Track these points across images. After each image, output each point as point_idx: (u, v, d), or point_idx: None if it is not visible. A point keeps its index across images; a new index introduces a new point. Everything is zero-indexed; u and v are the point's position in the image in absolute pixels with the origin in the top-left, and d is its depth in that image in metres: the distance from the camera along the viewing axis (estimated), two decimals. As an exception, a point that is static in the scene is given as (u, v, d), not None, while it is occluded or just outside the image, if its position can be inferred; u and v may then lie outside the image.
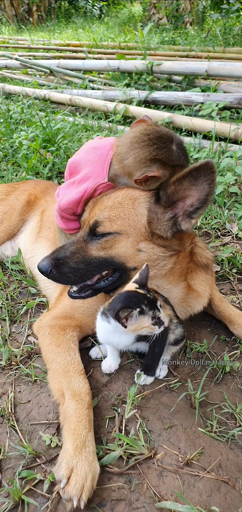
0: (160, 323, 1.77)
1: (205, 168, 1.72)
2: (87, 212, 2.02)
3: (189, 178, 1.77)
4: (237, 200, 3.80)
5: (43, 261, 1.96)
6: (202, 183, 1.76)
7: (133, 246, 1.91)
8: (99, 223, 1.90)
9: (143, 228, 1.89)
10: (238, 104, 5.31)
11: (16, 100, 7.12)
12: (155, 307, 1.77)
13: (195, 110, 5.54)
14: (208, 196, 1.79)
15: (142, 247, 1.91)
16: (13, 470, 1.65)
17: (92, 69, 8.22)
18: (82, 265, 1.95)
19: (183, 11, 15.72)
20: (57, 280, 1.98)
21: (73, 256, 1.95)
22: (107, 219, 1.89)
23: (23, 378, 2.08)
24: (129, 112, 5.73)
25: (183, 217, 1.87)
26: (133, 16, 19.63)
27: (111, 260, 1.94)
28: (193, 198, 1.82)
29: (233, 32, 12.08)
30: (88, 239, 1.97)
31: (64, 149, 4.66)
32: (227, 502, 1.53)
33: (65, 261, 1.94)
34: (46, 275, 1.95)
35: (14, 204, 3.06)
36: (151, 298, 1.76)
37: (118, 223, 1.88)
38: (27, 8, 21.79)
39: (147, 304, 1.73)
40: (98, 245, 1.93)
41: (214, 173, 1.73)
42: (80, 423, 1.67)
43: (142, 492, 1.56)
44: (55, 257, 1.96)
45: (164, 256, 1.94)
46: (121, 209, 1.89)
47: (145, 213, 1.89)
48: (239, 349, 2.23)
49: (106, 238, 1.90)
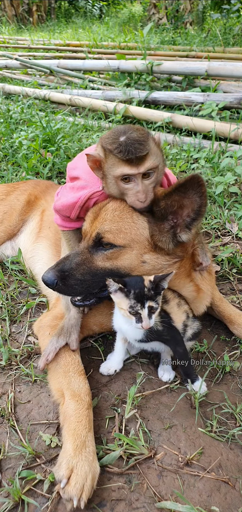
0: (138, 318, 1.74)
1: (192, 182, 1.72)
2: (87, 223, 2.00)
3: (176, 193, 1.78)
4: (237, 200, 3.80)
5: (48, 273, 1.91)
6: (192, 195, 1.77)
7: (137, 258, 1.90)
8: (101, 235, 1.88)
9: (146, 241, 1.89)
10: (238, 104, 5.31)
11: (16, 100, 7.12)
12: (141, 302, 1.74)
13: (195, 110, 5.54)
14: (201, 208, 1.80)
15: (146, 259, 1.91)
16: (13, 470, 1.65)
17: (92, 69, 8.21)
18: (88, 276, 1.92)
19: (183, 11, 15.72)
20: (63, 292, 1.94)
21: (79, 268, 1.92)
22: (109, 232, 1.87)
23: (23, 378, 2.08)
24: (129, 112, 5.74)
25: (181, 228, 1.88)
26: (133, 16, 19.63)
27: (117, 271, 1.92)
28: (187, 208, 1.83)
29: (233, 32, 12.07)
30: (93, 250, 1.94)
31: (64, 149, 4.66)
32: (227, 502, 1.53)
33: (71, 273, 1.90)
34: (52, 287, 1.91)
35: (14, 204, 3.06)
36: (143, 293, 1.74)
37: (121, 236, 1.87)
38: (27, 8, 21.78)
39: (136, 294, 1.73)
40: (104, 256, 1.91)
41: (203, 185, 1.73)
42: (80, 423, 1.67)
43: (142, 492, 1.56)
44: (61, 269, 1.91)
45: (168, 264, 1.95)
46: (121, 223, 1.87)
47: (145, 226, 1.89)
48: (239, 349, 2.23)
49: (112, 250, 1.89)
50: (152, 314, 1.76)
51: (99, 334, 2.36)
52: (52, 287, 1.90)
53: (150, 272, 1.93)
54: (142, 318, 1.74)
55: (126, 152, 1.69)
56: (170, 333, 1.91)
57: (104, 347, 2.29)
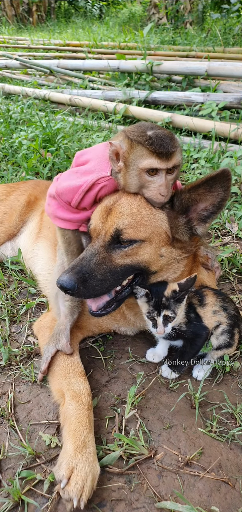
0: (154, 324, 1.90)
1: (221, 176, 1.77)
2: (99, 220, 1.94)
3: (204, 186, 1.82)
4: (237, 200, 3.80)
5: (65, 277, 1.80)
6: (217, 189, 1.81)
7: (155, 252, 1.91)
8: (121, 230, 1.84)
9: (164, 233, 1.90)
10: (238, 104, 5.30)
11: (16, 100, 7.12)
12: (158, 309, 1.87)
13: (195, 110, 5.54)
14: (222, 202, 1.85)
15: (163, 252, 1.93)
16: (13, 470, 1.65)
17: (92, 69, 8.21)
18: (109, 275, 1.86)
19: (183, 11, 15.71)
20: (83, 295, 1.85)
21: (99, 268, 1.85)
22: (128, 226, 1.84)
23: (23, 378, 2.08)
24: (128, 112, 5.73)
25: (197, 221, 1.91)
26: (133, 16, 19.62)
27: (137, 265, 1.91)
28: (206, 202, 1.86)
29: (233, 32, 12.06)
30: (110, 248, 1.89)
31: (64, 149, 4.66)
32: (227, 502, 1.53)
33: (92, 274, 1.83)
34: (72, 292, 1.82)
35: (14, 204, 3.06)
36: (162, 302, 1.87)
37: (141, 229, 1.85)
38: (27, 8, 21.78)
39: (157, 302, 1.86)
40: (122, 253, 1.88)
41: (230, 180, 1.79)
42: (80, 423, 1.67)
43: (142, 492, 1.56)
44: (80, 271, 1.82)
45: (179, 259, 1.98)
46: (140, 216, 1.86)
47: (164, 218, 1.90)
48: (239, 349, 2.23)
49: (132, 246, 1.86)
50: (168, 323, 1.87)
51: (99, 334, 2.36)
52: (73, 291, 1.81)
53: (164, 266, 1.96)
54: (156, 323, 1.88)
55: (158, 145, 1.72)
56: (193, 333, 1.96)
57: (104, 347, 2.29)
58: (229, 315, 2.04)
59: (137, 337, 2.36)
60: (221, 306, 2.04)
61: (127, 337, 2.36)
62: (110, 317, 2.25)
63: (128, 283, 2.00)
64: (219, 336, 2.02)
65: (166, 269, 1.97)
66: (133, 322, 2.26)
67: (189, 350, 1.99)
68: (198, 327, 1.95)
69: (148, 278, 1.99)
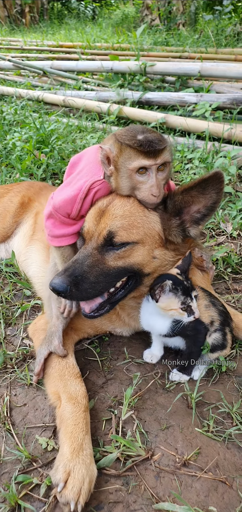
0: (190, 311, 1.82)
1: (214, 178, 1.77)
2: (92, 222, 1.93)
3: (197, 188, 1.82)
4: (231, 199, 3.81)
5: (57, 279, 1.79)
6: (210, 191, 1.81)
7: (149, 253, 1.91)
8: (114, 233, 1.84)
9: (157, 235, 1.90)
10: (231, 104, 5.32)
11: (10, 102, 7.09)
12: (188, 295, 1.82)
13: (189, 111, 5.55)
14: (215, 204, 1.85)
15: (156, 254, 1.93)
16: (9, 474, 1.63)
17: (85, 70, 8.21)
18: (102, 277, 1.86)
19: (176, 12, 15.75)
20: (76, 298, 1.86)
21: (91, 270, 1.84)
22: (121, 229, 1.84)
23: (19, 381, 2.06)
24: (122, 113, 5.73)
25: (190, 223, 1.91)
26: (126, 17, 19.64)
27: (130, 268, 1.91)
28: (199, 204, 1.87)
29: (225, 33, 12.11)
30: (103, 250, 1.88)
31: (58, 150, 4.64)
32: (224, 502, 1.53)
33: (85, 277, 1.82)
34: (64, 294, 1.81)
35: (8, 206, 3.04)
36: (187, 286, 1.83)
37: (134, 232, 1.85)
38: (20, 9, 21.73)
39: (181, 289, 1.81)
40: (115, 255, 1.87)
41: (222, 182, 1.79)
42: (77, 426, 1.66)
43: (140, 494, 1.55)
44: (72, 274, 1.81)
45: (173, 261, 1.98)
46: (133, 218, 1.86)
47: (157, 220, 1.90)
48: (235, 349, 2.23)
49: (124, 248, 1.86)
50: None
51: (94, 336, 2.35)
52: (65, 294, 1.80)
53: (158, 268, 1.95)
54: (193, 310, 1.83)
55: (146, 145, 1.74)
56: (194, 330, 1.94)
57: (100, 348, 2.28)
58: (219, 310, 2.05)
59: (133, 338, 2.35)
60: (210, 301, 2.04)
61: (122, 338, 2.36)
62: (106, 318, 2.24)
63: (121, 285, 1.99)
64: (212, 333, 2.00)
65: (159, 271, 1.97)
66: (127, 323, 2.25)
67: (194, 349, 1.97)
68: (196, 322, 1.94)
69: (141, 280, 1.99)
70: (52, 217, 2.06)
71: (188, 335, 1.95)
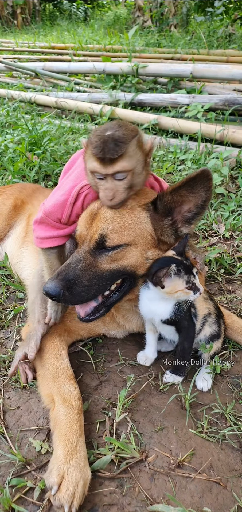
0: (195, 289, 1.82)
1: (201, 176, 1.77)
2: (84, 226, 1.93)
3: (185, 188, 1.82)
4: (224, 201, 3.83)
5: (51, 284, 1.79)
6: (199, 190, 1.81)
7: (141, 255, 1.90)
8: (105, 236, 1.83)
9: (149, 236, 1.90)
10: (223, 106, 5.35)
11: (1, 103, 7.06)
12: (190, 272, 1.82)
13: (181, 112, 5.57)
14: (205, 202, 1.85)
15: (150, 255, 1.92)
16: (3, 478, 1.62)
17: (78, 72, 8.21)
18: (95, 280, 1.85)
19: (168, 14, 15.81)
20: (69, 302, 1.85)
21: (84, 274, 1.84)
22: (113, 231, 1.83)
23: (12, 384, 2.05)
24: (115, 114, 5.73)
25: (182, 223, 1.91)
26: (118, 19, 19.66)
27: (124, 270, 1.90)
28: (190, 203, 1.87)
29: (217, 35, 12.18)
30: (96, 254, 1.88)
31: (50, 152, 4.63)
32: (219, 503, 1.53)
33: (78, 280, 1.82)
34: (57, 298, 1.81)
35: (0, 208, 3.02)
36: (187, 264, 1.83)
37: (125, 233, 1.84)
38: (11, 11, 21.67)
39: (183, 268, 1.80)
40: (108, 258, 1.86)
41: (210, 180, 1.78)
42: (71, 428, 1.66)
43: (134, 496, 1.55)
44: (65, 278, 1.80)
45: None
46: (124, 219, 1.85)
47: (148, 220, 1.90)
48: (228, 349, 2.24)
49: (116, 251, 1.85)
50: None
51: (88, 338, 2.34)
52: (58, 298, 1.80)
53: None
54: (197, 287, 1.82)
55: (99, 150, 1.67)
56: (189, 321, 1.95)
57: (94, 351, 2.28)
58: (214, 304, 2.09)
59: (127, 340, 2.35)
60: (207, 295, 2.09)
61: (116, 340, 2.35)
62: (100, 320, 2.23)
63: (116, 288, 1.99)
64: (212, 325, 2.04)
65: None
66: (122, 325, 2.25)
67: (186, 345, 1.96)
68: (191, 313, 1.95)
69: (136, 282, 1.99)
70: (43, 223, 2.06)
71: (183, 326, 1.94)
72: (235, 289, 2.75)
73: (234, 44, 11.16)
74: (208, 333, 2.03)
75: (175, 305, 1.89)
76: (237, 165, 4.38)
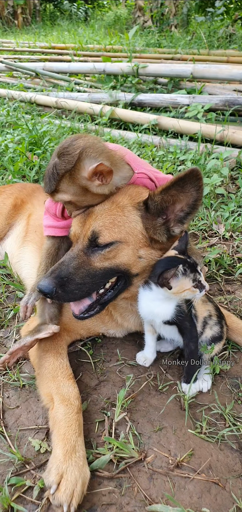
0: (201, 286, 1.82)
1: (191, 176, 1.77)
2: (78, 225, 1.95)
3: (175, 187, 1.82)
4: (224, 201, 3.83)
5: (44, 281, 1.83)
6: (189, 189, 1.81)
7: (134, 253, 1.91)
8: (97, 233, 1.85)
9: (140, 234, 1.91)
10: (223, 106, 5.35)
11: (2, 103, 7.06)
12: (195, 270, 1.82)
13: (181, 112, 5.57)
14: (196, 202, 1.85)
15: (142, 254, 1.93)
16: (2, 477, 1.62)
17: (78, 72, 8.21)
18: (88, 278, 1.88)
19: (168, 14, 15.81)
20: (62, 299, 1.88)
21: (77, 272, 1.86)
22: (103, 228, 1.85)
23: (12, 384, 2.05)
24: (115, 115, 5.74)
25: (174, 222, 1.92)
26: (118, 19, 19.66)
27: (117, 268, 1.91)
28: (182, 203, 1.87)
29: (218, 35, 12.17)
30: (89, 252, 1.90)
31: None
32: (217, 503, 1.53)
33: (71, 278, 1.85)
34: (50, 295, 1.84)
35: (0, 208, 3.02)
36: (191, 262, 1.82)
37: (116, 230, 1.86)
38: (12, 11, 21.67)
39: (188, 267, 1.79)
40: (101, 256, 1.88)
41: (201, 179, 1.78)
42: (70, 427, 1.66)
43: (133, 496, 1.55)
44: (58, 275, 1.84)
45: None
46: (113, 216, 1.87)
47: (138, 220, 1.90)
48: (227, 350, 2.24)
49: (109, 249, 1.87)
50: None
51: (87, 338, 2.34)
52: (51, 295, 1.83)
53: (146, 268, 1.96)
54: (203, 284, 1.82)
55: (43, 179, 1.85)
56: (191, 322, 1.94)
57: (93, 350, 2.28)
58: (214, 305, 2.09)
59: (126, 340, 2.36)
60: (206, 297, 2.08)
61: (115, 340, 2.36)
62: (99, 320, 2.24)
63: (111, 286, 2.00)
64: (213, 327, 2.04)
65: (148, 271, 1.97)
66: (120, 324, 2.26)
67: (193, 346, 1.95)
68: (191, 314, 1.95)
69: (131, 281, 1.99)
70: (47, 213, 2.21)
71: (186, 328, 1.93)
72: (235, 290, 2.75)
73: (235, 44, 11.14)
74: (210, 335, 2.04)
75: (176, 306, 1.89)
76: (237, 166, 4.38)
